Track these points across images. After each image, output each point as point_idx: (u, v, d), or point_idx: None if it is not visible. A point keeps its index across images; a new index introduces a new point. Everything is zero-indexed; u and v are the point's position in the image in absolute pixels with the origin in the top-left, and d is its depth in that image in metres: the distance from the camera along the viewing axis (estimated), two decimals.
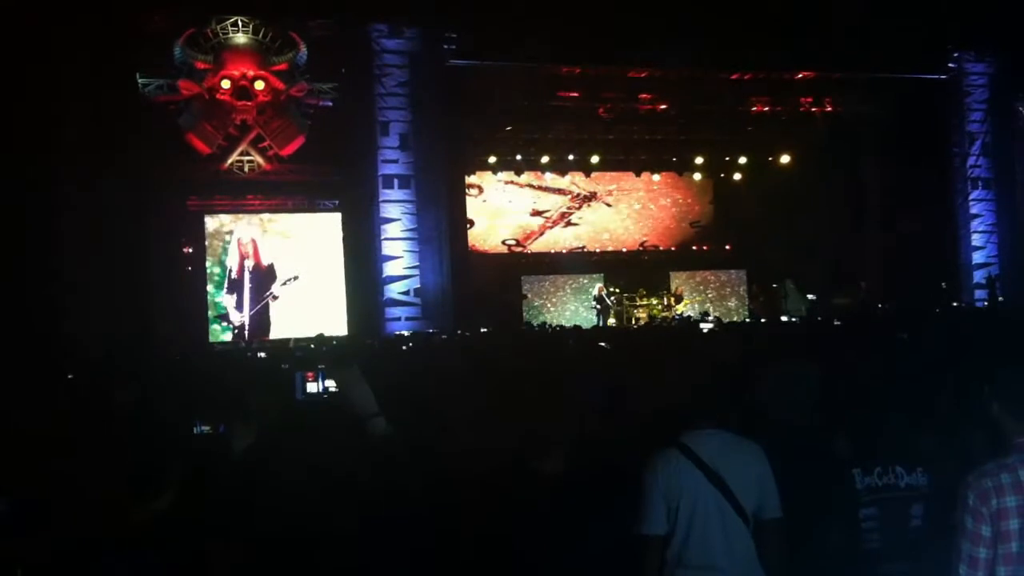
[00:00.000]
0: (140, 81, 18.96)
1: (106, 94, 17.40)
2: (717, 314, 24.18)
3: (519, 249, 27.09)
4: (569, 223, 27.64)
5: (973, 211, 24.30)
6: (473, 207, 25.58)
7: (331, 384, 3.48)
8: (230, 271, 19.98)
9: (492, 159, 24.62)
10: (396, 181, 20.26)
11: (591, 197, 27.73)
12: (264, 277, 20.10)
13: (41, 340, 14.87)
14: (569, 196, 27.55)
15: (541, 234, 27.43)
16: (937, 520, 3.72)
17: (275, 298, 20.06)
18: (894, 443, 4.11)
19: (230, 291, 19.95)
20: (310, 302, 20.14)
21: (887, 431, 4.12)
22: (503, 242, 26.96)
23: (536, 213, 27.35)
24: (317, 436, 3.38)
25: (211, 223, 20.22)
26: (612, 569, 3.82)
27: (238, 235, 20.18)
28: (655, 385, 5.30)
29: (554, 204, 27.54)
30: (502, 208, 27.02)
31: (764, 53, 21.71)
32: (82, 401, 5.63)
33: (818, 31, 20.47)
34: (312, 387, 3.52)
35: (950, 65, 24.05)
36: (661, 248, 27.98)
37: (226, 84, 19.18)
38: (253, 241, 20.15)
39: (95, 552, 3.12)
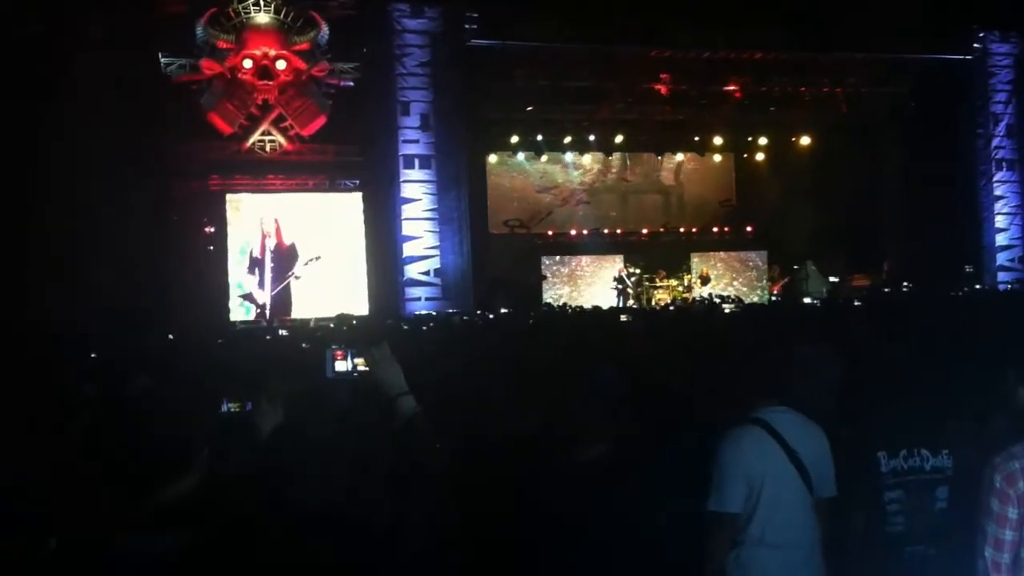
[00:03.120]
0: (162, 61, 19.06)
1: (128, 74, 17.43)
2: (738, 296, 24.07)
3: (522, 231, 26.91)
4: (580, 202, 27.51)
5: (997, 193, 24.11)
6: None
7: (360, 362, 3.48)
8: (252, 251, 20.05)
9: (513, 139, 24.55)
10: (417, 161, 20.25)
11: (605, 173, 27.62)
12: (286, 257, 20.17)
13: (61, 321, 14.97)
14: (581, 172, 27.43)
15: (549, 214, 27.31)
16: (962, 503, 3.71)
17: (297, 278, 20.13)
18: (919, 426, 4.10)
19: (251, 271, 20.03)
20: (331, 282, 20.19)
21: (912, 414, 4.11)
22: (505, 223, 26.66)
23: (543, 190, 27.25)
24: (345, 415, 3.40)
25: (232, 202, 20.28)
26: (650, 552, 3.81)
27: (260, 215, 20.24)
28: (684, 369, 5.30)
29: (564, 182, 27.45)
30: (504, 187, 26.86)
31: (786, 33, 21.56)
32: (103, 383, 5.65)
33: (841, 10, 20.32)
34: (341, 365, 3.52)
35: (975, 45, 23.79)
36: (682, 229, 27.84)
37: (248, 64, 19.25)
38: (275, 221, 20.20)
39: (123, 532, 3.16)
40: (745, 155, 27.36)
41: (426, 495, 3.29)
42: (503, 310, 18.26)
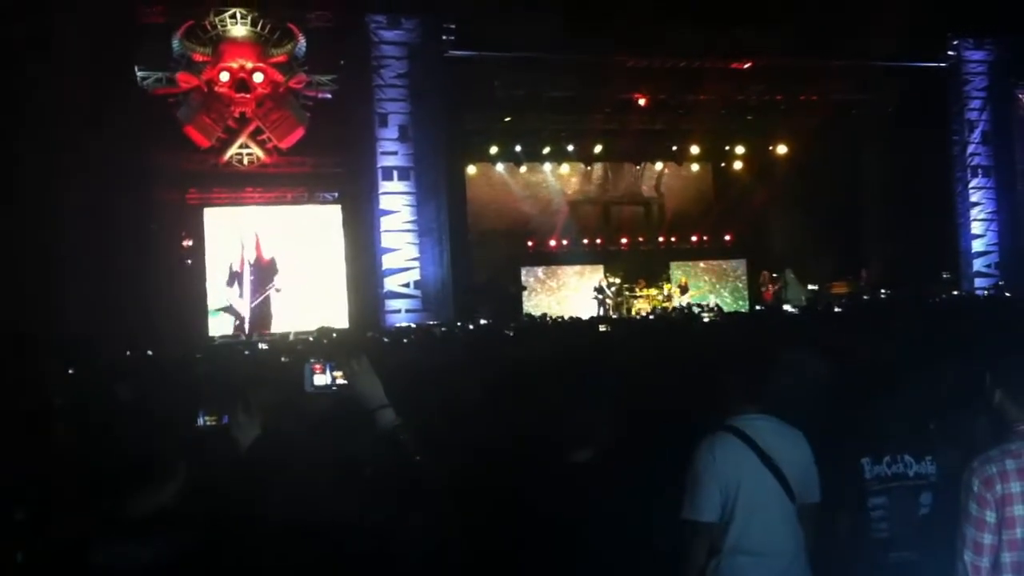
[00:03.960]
0: (139, 74, 18.97)
1: (104, 87, 17.35)
2: (718, 304, 24.16)
3: (502, 242, 26.75)
4: (560, 212, 27.49)
5: (973, 199, 24.30)
6: None
7: (339, 376, 3.47)
8: (231, 264, 19.97)
9: (492, 150, 24.55)
10: (395, 173, 20.23)
11: (585, 183, 27.67)
12: (265, 270, 20.10)
13: (39, 334, 14.85)
14: (561, 182, 27.42)
15: (527, 224, 27.25)
16: (946, 509, 3.72)
17: (278, 291, 20.05)
18: (902, 432, 4.11)
19: (231, 283, 19.94)
20: (310, 295, 20.13)
21: (895, 420, 4.12)
22: (483, 234, 26.48)
23: (523, 201, 27.24)
24: (325, 428, 3.39)
25: (210, 216, 20.20)
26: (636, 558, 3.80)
27: (238, 228, 20.17)
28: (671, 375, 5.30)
29: (544, 192, 27.45)
30: (484, 197, 26.71)
31: (762, 41, 21.67)
32: (82, 396, 5.62)
33: (817, 19, 20.44)
34: (320, 379, 3.50)
35: (949, 53, 24.00)
36: (661, 239, 27.87)
37: (225, 76, 19.17)
38: (255, 234, 20.14)
39: (100, 542, 3.13)
40: (724, 164, 27.46)
41: (409, 505, 3.28)
42: (483, 321, 18.24)
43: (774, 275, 24.84)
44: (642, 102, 23.42)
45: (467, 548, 3.48)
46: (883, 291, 22.24)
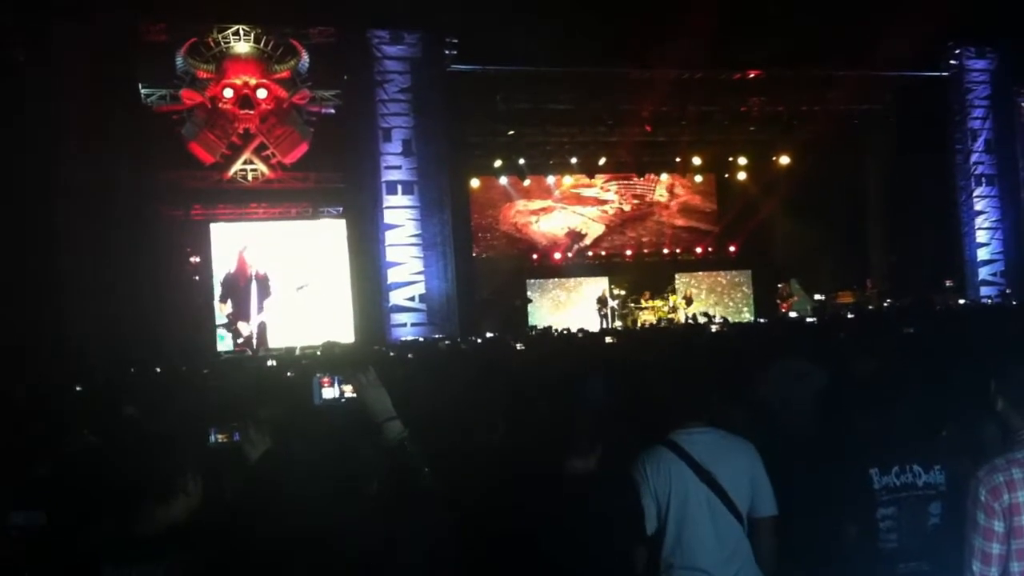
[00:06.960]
0: (142, 91, 19.03)
1: (108, 104, 17.42)
2: (724, 315, 24.13)
3: (507, 255, 26.93)
4: (564, 222, 27.54)
5: (977, 207, 24.28)
6: None
7: (348, 389, 3.49)
8: (236, 279, 19.97)
9: (496, 163, 24.59)
10: (399, 187, 20.25)
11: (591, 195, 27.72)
12: (269, 285, 20.11)
13: (46, 352, 14.91)
14: (563, 193, 27.44)
15: (532, 238, 27.35)
16: (956, 518, 3.71)
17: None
18: (911, 442, 4.09)
19: (223, 300, 19.93)
20: (316, 309, 20.14)
21: (903, 429, 4.10)
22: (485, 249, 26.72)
23: (528, 214, 27.28)
24: (334, 441, 3.40)
25: (216, 232, 20.22)
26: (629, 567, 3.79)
27: (242, 243, 20.18)
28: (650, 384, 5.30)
29: (548, 205, 27.46)
30: (488, 210, 26.83)
31: (764, 52, 21.68)
32: (88, 414, 5.63)
33: (819, 29, 20.45)
34: (328, 393, 3.52)
35: (951, 62, 24.04)
36: (666, 250, 27.91)
37: (228, 93, 19.24)
38: (257, 250, 20.15)
39: (110, 561, 3.13)
40: (727, 175, 27.44)
41: (417, 516, 3.28)
42: (489, 334, 18.23)
43: (778, 285, 24.83)
44: (644, 114, 23.43)
45: (470, 557, 3.48)
46: (888, 300, 22.22)
